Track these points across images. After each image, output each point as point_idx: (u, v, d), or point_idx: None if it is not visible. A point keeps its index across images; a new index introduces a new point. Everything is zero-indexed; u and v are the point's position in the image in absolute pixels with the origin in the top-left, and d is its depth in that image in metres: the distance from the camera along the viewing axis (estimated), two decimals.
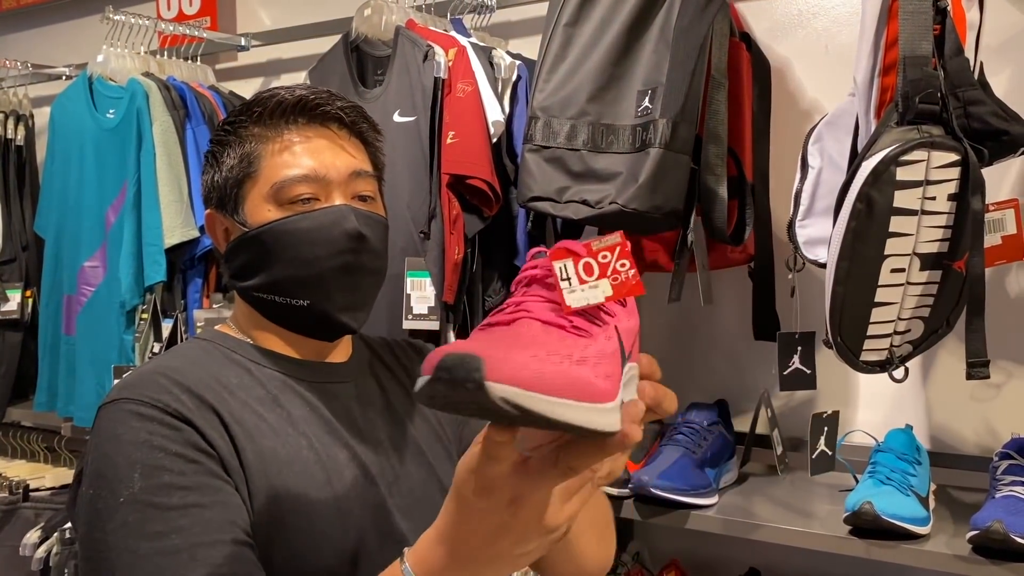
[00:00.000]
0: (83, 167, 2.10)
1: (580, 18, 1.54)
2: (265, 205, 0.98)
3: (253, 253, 0.99)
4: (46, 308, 2.24)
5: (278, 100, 0.99)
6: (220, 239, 1.03)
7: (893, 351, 1.28)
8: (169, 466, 0.85)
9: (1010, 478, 1.35)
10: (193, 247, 1.98)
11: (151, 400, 0.89)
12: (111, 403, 0.90)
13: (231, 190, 1.00)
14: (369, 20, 1.81)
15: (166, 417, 0.88)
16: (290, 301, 0.99)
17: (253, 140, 0.99)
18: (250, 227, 0.98)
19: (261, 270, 0.99)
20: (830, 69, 1.69)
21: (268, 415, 0.95)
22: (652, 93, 1.46)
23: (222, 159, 1.01)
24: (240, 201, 0.99)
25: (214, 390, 0.93)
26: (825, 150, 1.46)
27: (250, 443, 0.91)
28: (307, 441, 0.96)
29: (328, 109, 1.00)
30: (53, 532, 2.19)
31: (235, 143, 1.00)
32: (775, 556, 1.68)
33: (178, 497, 0.84)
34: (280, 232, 0.97)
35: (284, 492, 0.91)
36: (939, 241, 1.21)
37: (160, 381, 0.91)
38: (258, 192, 0.98)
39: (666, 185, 1.43)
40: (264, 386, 0.98)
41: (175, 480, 0.85)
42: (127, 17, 2.14)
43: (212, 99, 2.09)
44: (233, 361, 0.99)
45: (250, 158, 0.98)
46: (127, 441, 0.86)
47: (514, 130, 1.69)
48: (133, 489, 0.84)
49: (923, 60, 1.19)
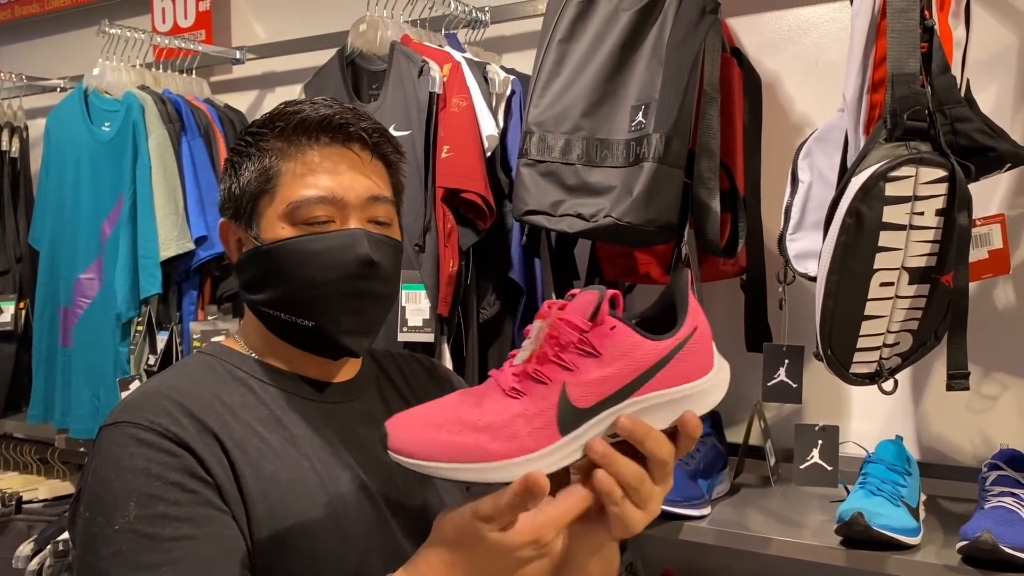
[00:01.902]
0: (79, 179, 2.11)
1: (574, 34, 1.56)
2: (280, 222, 0.97)
3: (263, 268, 0.98)
4: (40, 320, 2.24)
5: (302, 117, 0.97)
6: (233, 248, 1.03)
7: (882, 363, 1.29)
8: (165, 496, 0.86)
9: (999, 488, 1.37)
10: (189, 259, 1.99)
11: (151, 424, 0.89)
12: (113, 425, 0.90)
13: (247, 203, 0.99)
14: (364, 35, 1.83)
15: (165, 442, 0.88)
16: (296, 320, 0.98)
17: (273, 155, 0.98)
18: (263, 242, 0.98)
19: (270, 286, 0.98)
20: (820, 84, 1.71)
21: (270, 437, 0.95)
22: (645, 108, 1.47)
23: (241, 170, 1.00)
24: (255, 215, 0.99)
25: (216, 412, 0.93)
26: (815, 165, 1.48)
27: (251, 468, 0.91)
28: (309, 463, 0.95)
29: (352, 130, 0.99)
30: (46, 544, 2.19)
31: (255, 155, 0.99)
32: (767, 566, 1.69)
33: (172, 528, 0.85)
34: (291, 251, 0.96)
35: (286, 516, 0.91)
36: (927, 255, 1.23)
37: (162, 403, 0.91)
38: (274, 209, 0.97)
39: (660, 199, 1.45)
40: (267, 405, 0.98)
41: (170, 511, 0.85)
42: (123, 30, 2.15)
43: (207, 112, 2.10)
44: (237, 379, 0.99)
45: (269, 173, 0.98)
46: (126, 467, 0.87)
47: (508, 144, 1.70)
48: (128, 518, 0.85)
49: (911, 77, 1.21)
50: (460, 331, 1.68)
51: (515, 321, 1.71)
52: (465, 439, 0.72)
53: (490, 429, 0.73)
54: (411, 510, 1.02)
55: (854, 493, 1.41)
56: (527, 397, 0.73)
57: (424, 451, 0.73)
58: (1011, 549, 1.22)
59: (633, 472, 0.74)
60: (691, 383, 0.77)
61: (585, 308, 0.74)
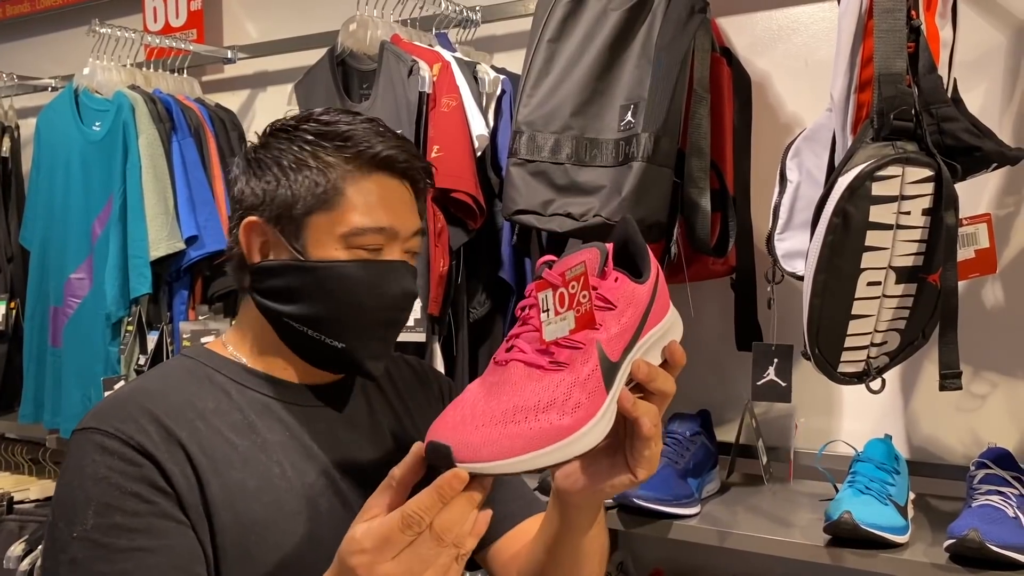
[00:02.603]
0: (69, 179, 2.11)
1: (563, 34, 1.56)
2: (334, 243, 0.96)
3: (302, 283, 0.97)
4: (31, 320, 2.23)
5: (375, 152, 0.98)
6: (254, 249, 1.00)
7: (870, 362, 1.30)
8: (122, 506, 0.86)
9: (986, 487, 1.37)
10: (179, 259, 1.99)
11: (115, 431, 0.89)
12: (82, 431, 0.92)
13: (297, 212, 0.97)
14: (355, 35, 1.82)
15: (127, 451, 0.88)
16: (324, 339, 0.98)
17: (339, 175, 0.97)
18: (308, 257, 0.97)
19: (305, 301, 0.97)
20: (809, 83, 1.71)
21: (240, 443, 0.95)
22: (635, 107, 1.48)
23: (294, 176, 0.97)
24: (303, 227, 0.97)
25: (186, 418, 0.93)
26: (803, 164, 1.48)
27: (216, 476, 0.91)
28: (280, 469, 0.95)
29: (409, 168, 1.01)
30: (38, 545, 2.19)
31: (313, 167, 0.97)
32: (757, 565, 1.70)
33: (126, 539, 0.85)
34: (345, 274, 0.96)
35: (251, 524, 0.91)
36: (914, 255, 1.23)
37: (129, 409, 0.92)
38: (330, 228, 0.96)
39: (649, 198, 1.45)
40: (241, 411, 0.97)
41: (126, 521, 0.86)
42: (113, 30, 2.15)
43: (198, 111, 2.10)
44: (214, 383, 0.99)
45: (329, 191, 0.96)
46: (88, 475, 0.88)
47: (498, 144, 1.70)
48: (86, 526, 0.86)
49: (897, 77, 1.21)
50: (451, 330, 1.68)
51: (505, 320, 1.72)
52: (537, 424, 0.72)
53: (553, 405, 0.73)
54: None
55: (843, 492, 1.41)
56: (570, 366, 0.75)
57: (499, 451, 0.71)
58: (998, 547, 1.22)
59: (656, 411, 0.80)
60: (666, 317, 0.83)
61: (592, 266, 0.77)
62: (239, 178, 1.02)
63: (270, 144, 1.00)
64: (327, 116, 1.00)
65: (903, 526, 1.34)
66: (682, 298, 1.60)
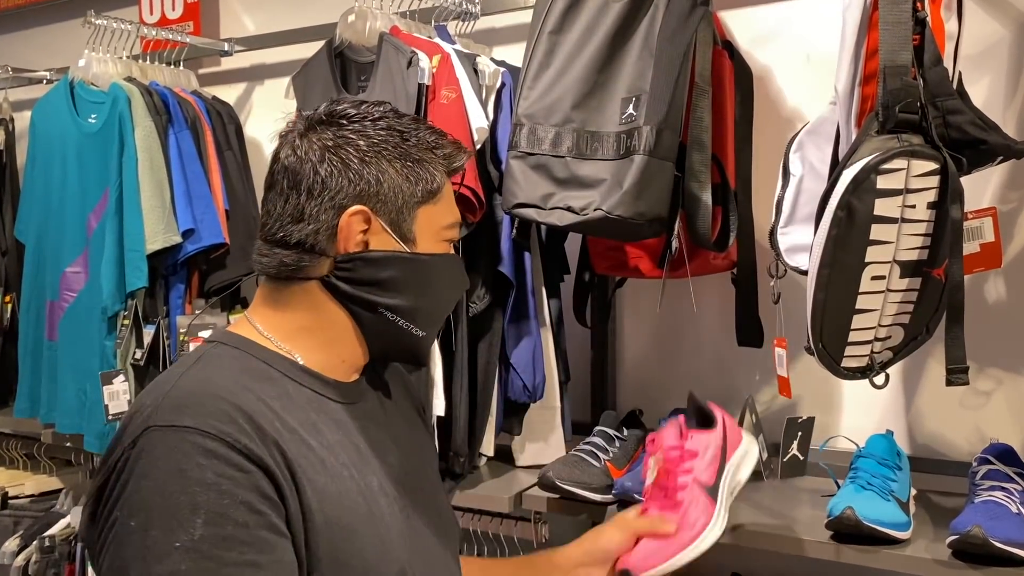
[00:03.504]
0: (65, 172, 2.09)
1: (564, 26, 1.55)
2: (435, 236, 1.03)
3: (407, 274, 1.00)
4: (27, 313, 2.22)
5: (460, 161, 1.05)
6: (352, 240, 0.97)
7: (874, 357, 1.29)
8: (234, 516, 0.82)
9: (989, 483, 1.37)
10: (175, 253, 1.97)
11: (217, 432, 0.84)
12: (169, 428, 0.85)
13: (409, 204, 0.99)
14: (353, 26, 1.81)
15: (234, 455, 0.84)
16: (410, 328, 1.01)
17: (435, 171, 1.02)
18: (415, 250, 1.00)
19: (406, 292, 1.00)
20: (812, 77, 1.70)
21: (313, 443, 0.93)
22: (636, 100, 1.46)
23: (402, 168, 0.99)
24: (411, 219, 1.00)
25: (267, 418, 0.90)
26: (806, 158, 1.47)
27: (306, 479, 0.89)
28: (348, 472, 0.95)
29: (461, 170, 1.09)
30: (32, 540, 2.18)
31: (418, 164, 1.00)
32: (757, 561, 1.69)
33: (237, 552, 0.81)
34: (440, 266, 1.03)
35: (337, 528, 0.90)
36: (919, 249, 1.23)
37: (220, 406, 0.87)
38: (432, 223, 1.02)
39: (650, 192, 1.44)
40: (303, 409, 0.95)
41: (237, 533, 0.82)
42: (109, 21, 2.13)
43: (195, 104, 2.08)
44: (272, 379, 0.95)
45: (432, 188, 1.01)
46: (194, 479, 0.82)
47: (498, 137, 1.69)
48: (193, 536, 0.80)
49: (903, 70, 1.20)
50: (449, 325, 1.67)
51: (505, 315, 1.70)
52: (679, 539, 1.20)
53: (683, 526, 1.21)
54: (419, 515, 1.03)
55: (844, 488, 1.41)
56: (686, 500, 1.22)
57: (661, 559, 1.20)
58: (1001, 543, 1.22)
59: None
60: (742, 443, 1.30)
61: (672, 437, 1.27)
62: (316, 164, 0.96)
63: (349, 133, 0.98)
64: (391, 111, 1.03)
65: (905, 522, 1.33)
66: (683, 293, 1.59)
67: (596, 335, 1.91)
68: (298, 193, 0.97)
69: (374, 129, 0.99)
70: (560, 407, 1.77)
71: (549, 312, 1.76)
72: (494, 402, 1.71)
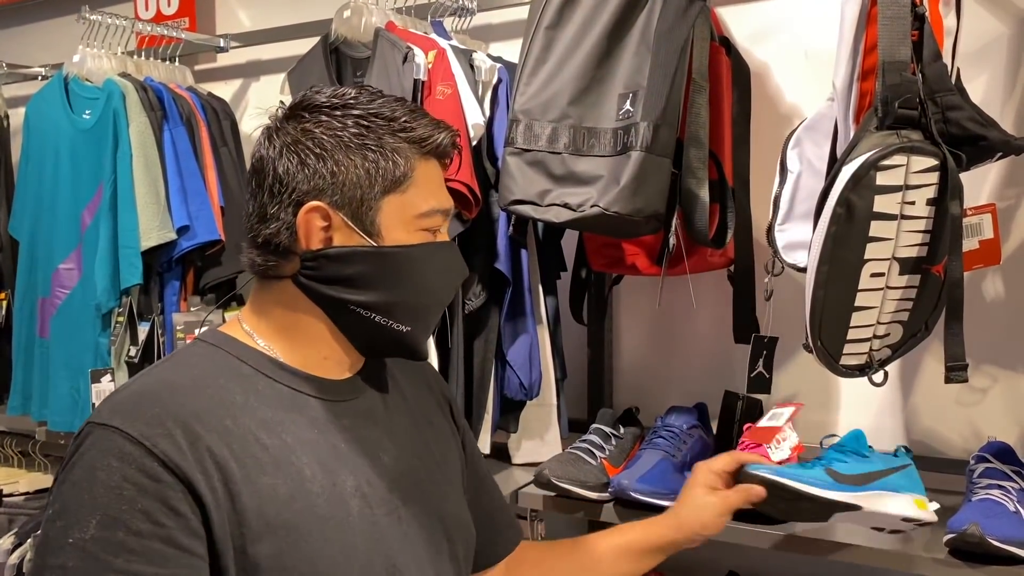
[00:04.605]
0: (58, 168, 2.07)
1: (561, 21, 1.54)
2: (404, 227, 0.97)
3: (375, 269, 0.96)
4: (20, 311, 2.20)
5: (437, 142, 0.98)
6: (314, 237, 0.96)
7: (873, 355, 1.28)
8: (128, 523, 0.82)
9: (987, 481, 1.36)
10: (170, 249, 1.96)
11: (140, 437, 0.84)
12: (100, 426, 0.86)
13: (370, 196, 0.95)
14: (348, 22, 1.80)
15: (148, 461, 0.84)
16: (391, 324, 0.97)
17: (400, 158, 0.96)
18: (381, 243, 0.96)
19: (377, 288, 0.96)
20: (809, 73, 1.70)
21: (270, 443, 0.91)
22: (633, 96, 1.46)
23: (360, 159, 0.95)
24: (375, 211, 0.95)
25: (216, 417, 0.89)
26: (804, 154, 1.47)
27: (247, 484, 0.88)
28: (311, 471, 0.92)
29: (449, 156, 1.02)
30: (27, 538, 2.16)
31: (380, 153, 0.95)
32: (754, 558, 1.68)
33: (123, 560, 0.81)
34: (415, 257, 0.97)
35: (283, 533, 0.88)
36: (918, 245, 1.22)
37: (155, 411, 0.87)
38: (402, 210, 0.96)
39: (647, 188, 1.43)
40: (271, 406, 0.94)
41: (127, 540, 0.81)
42: (104, 17, 2.12)
43: (190, 100, 2.07)
44: (242, 375, 0.95)
45: (397, 176, 0.96)
46: (100, 481, 0.83)
47: (494, 133, 1.68)
48: (85, 536, 0.81)
49: (902, 65, 1.19)
50: (445, 322, 1.66)
51: (501, 312, 1.69)
52: None
53: None
54: (413, 516, 1.00)
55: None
56: None
57: None
58: (998, 541, 1.21)
59: None
60: None
61: None
62: (275, 161, 0.95)
63: (311, 126, 0.95)
64: (364, 96, 0.98)
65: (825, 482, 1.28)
66: (682, 289, 1.59)
67: (593, 332, 1.90)
68: (262, 192, 0.97)
69: (338, 119, 0.96)
70: (556, 404, 1.77)
71: (546, 309, 1.76)
72: (490, 399, 1.70)
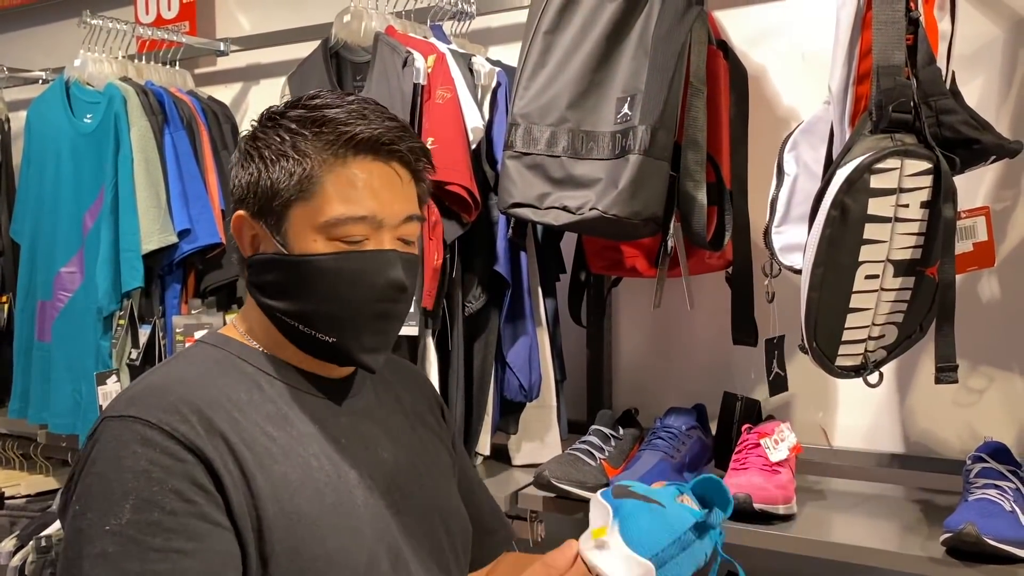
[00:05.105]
0: (60, 172, 2.09)
1: (559, 25, 1.55)
2: (313, 234, 0.94)
3: (288, 278, 0.95)
4: (21, 314, 2.21)
5: (351, 135, 0.94)
6: (246, 244, 0.99)
7: (868, 356, 1.29)
8: (162, 503, 0.83)
9: (983, 481, 1.37)
10: (171, 252, 1.97)
11: (158, 422, 0.86)
12: (118, 418, 0.88)
13: (278, 206, 0.95)
14: (348, 26, 1.81)
15: (171, 444, 0.86)
16: (315, 334, 0.96)
17: (315, 164, 0.94)
18: (291, 252, 0.95)
19: (293, 297, 0.96)
20: (807, 77, 1.70)
21: (278, 435, 0.93)
22: (631, 100, 1.47)
23: (273, 167, 0.95)
24: (284, 219, 0.95)
25: (225, 409, 0.91)
26: (801, 157, 1.48)
27: (260, 470, 0.90)
28: (318, 462, 0.94)
29: (398, 148, 0.96)
30: (29, 540, 2.17)
31: (292, 157, 0.94)
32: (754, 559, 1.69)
33: (162, 538, 0.83)
34: (324, 268, 0.94)
35: (296, 518, 0.90)
36: (912, 248, 1.23)
37: (170, 399, 0.89)
38: (309, 219, 0.94)
39: (645, 191, 1.44)
40: (275, 402, 0.96)
41: (164, 520, 0.83)
42: (105, 21, 2.13)
43: (191, 104, 2.08)
44: (244, 374, 0.97)
45: (308, 181, 0.93)
46: (127, 467, 0.84)
47: (494, 136, 1.69)
48: (121, 520, 0.82)
49: (896, 69, 1.20)
50: (445, 324, 1.67)
51: (501, 315, 1.70)
52: None
53: None
54: (413, 510, 1.02)
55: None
56: None
57: None
58: (994, 541, 1.22)
59: None
60: None
61: None
62: (233, 169, 1.00)
63: (257, 134, 0.98)
64: (316, 100, 0.97)
65: None
66: (679, 292, 1.60)
67: (592, 334, 1.91)
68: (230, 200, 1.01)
69: (274, 127, 0.96)
70: (556, 406, 1.78)
71: (545, 311, 1.77)
72: (490, 401, 1.71)
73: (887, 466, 1.65)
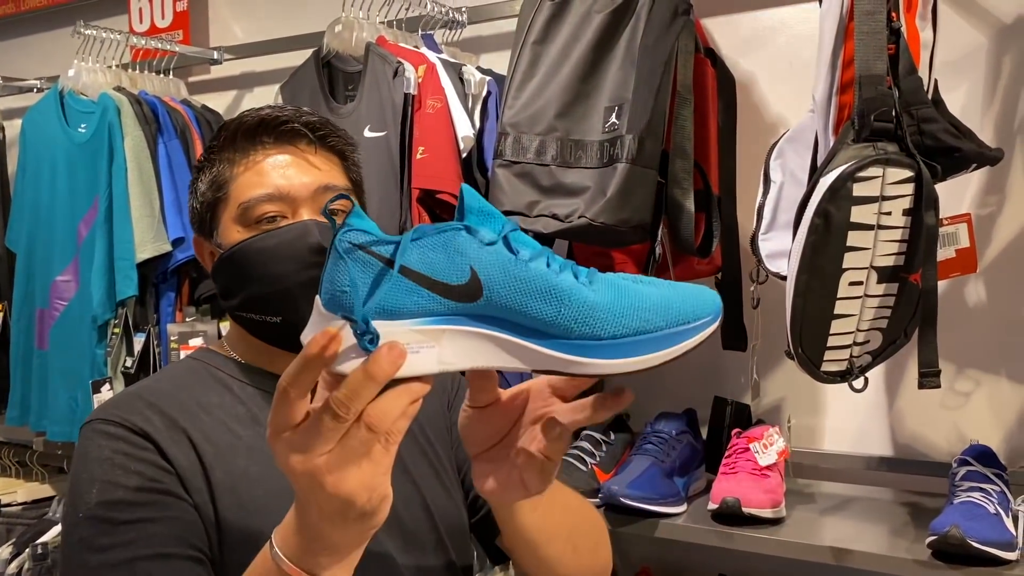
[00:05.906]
0: (55, 181, 2.10)
1: (547, 36, 1.57)
2: (234, 226, 0.99)
3: (228, 274, 1.00)
4: (18, 322, 2.22)
5: (240, 121, 1.01)
6: (207, 263, 1.05)
7: (853, 361, 1.31)
8: (124, 482, 0.88)
9: (968, 484, 1.38)
10: (165, 261, 1.98)
11: (119, 419, 0.93)
12: (87, 424, 0.95)
13: (206, 214, 1.02)
14: (340, 36, 1.82)
15: (130, 435, 0.91)
16: (264, 318, 1.00)
17: (222, 164, 1.01)
18: (223, 248, 1.00)
19: (237, 290, 1.00)
20: (794, 84, 1.72)
21: (244, 434, 0.97)
22: (619, 109, 1.48)
23: (198, 185, 1.03)
24: (214, 224, 1.01)
25: (190, 411, 0.96)
26: (786, 165, 1.49)
27: (220, 462, 0.93)
28: None
29: (294, 126, 1.00)
30: (25, 548, 2.18)
31: (207, 168, 1.02)
32: (743, 563, 1.71)
33: (128, 512, 0.87)
34: (247, 252, 0.98)
35: (254, 510, 0.92)
36: (895, 255, 1.25)
37: (134, 403, 0.95)
38: (228, 215, 1.00)
39: (633, 199, 1.46)
40: (245, 404, 1.00)
41: (128, 496, 0.88)
42: (99, 31, 2.14)
43: (184, 113, 2.10)
44: (217, 380, 1.01)
45: (219, 182, 1.00)
46: (92, 459, 0.91)
47: (485, 144, 1.71)
48: (90, 504, 0.88)
49: (878, 79, 1.22)
50: None
51: None
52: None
53: None
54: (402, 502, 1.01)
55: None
56: None
57: None
58: (979, 543, 1.24)
59: None
60: None
61: None
62: None
63: (195, 167, 1.06)
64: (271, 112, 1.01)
65: None
66: None
67: None
68: None
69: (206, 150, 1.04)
70: None
71: None
72: None
73: (875, 469, 1.67)
